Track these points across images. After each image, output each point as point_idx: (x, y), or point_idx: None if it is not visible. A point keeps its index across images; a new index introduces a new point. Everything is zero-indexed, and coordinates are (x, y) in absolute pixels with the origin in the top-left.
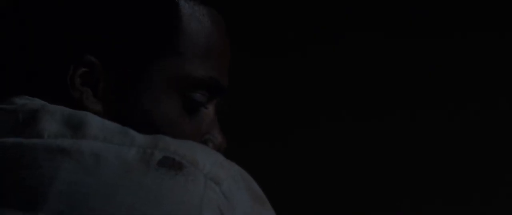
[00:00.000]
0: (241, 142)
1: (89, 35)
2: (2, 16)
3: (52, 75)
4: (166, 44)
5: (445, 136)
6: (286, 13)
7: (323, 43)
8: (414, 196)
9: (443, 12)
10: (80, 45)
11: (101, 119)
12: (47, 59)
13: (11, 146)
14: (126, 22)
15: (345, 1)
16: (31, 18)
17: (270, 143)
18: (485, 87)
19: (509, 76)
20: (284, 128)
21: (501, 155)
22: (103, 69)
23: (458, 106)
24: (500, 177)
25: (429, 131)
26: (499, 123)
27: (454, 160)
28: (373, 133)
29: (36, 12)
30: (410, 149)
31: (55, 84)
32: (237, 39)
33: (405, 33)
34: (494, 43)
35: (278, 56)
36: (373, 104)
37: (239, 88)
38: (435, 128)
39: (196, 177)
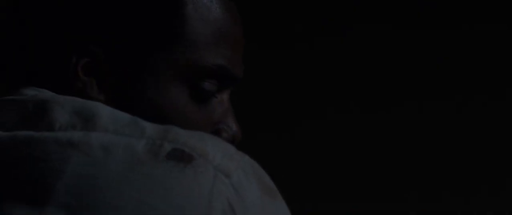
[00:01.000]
0: (248, 134)
1: (91, 24)
2: (5, 8)
3: (55, 65)
4: (171, 31)
5: (453, 127)
6: (294, 5)
7: (331, 35)
8: (422, 188)
9: (451, 3)
10: (83, 35)
11: (112, 109)
12: (50, 50)
13: (22, 140)
14: (129, 10)
15: None
16: (33, 9)
17: (277, 134)
18: (492, 79)
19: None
20: (291, 120)
21: (508, 145)
22: (107, 59)
23: (466, 97)
24: (508, 169)
25: (437, 123)
26: (507, 114)
27: (462, 152)
28: (380, 124)
29: (38, 3)
30: (418, 141)
31: (58, 74)
32: (246, 30)
33: (413, 25)
34: (502, 35)
35: (286, 48)
36: (380, 96)
37: (247, 80)
38: (443, 119)
39: (205, 169)
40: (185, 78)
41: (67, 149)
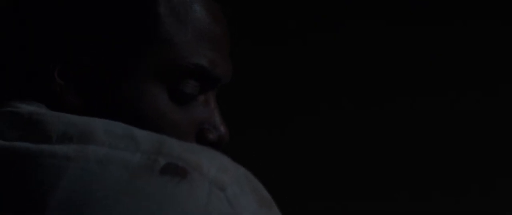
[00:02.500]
0: (239, 130)
1: (67, 29)
2: None
3: (32, 70)
4: (146, 32)
5: (446, 125)
6: (286, 1)
7: (324, 31)
8: (413, 187)
9: (443, 0)
10: (59, 39)
11: (106, 122)
12: (26, 55)
13: (19, 151)
14: (104, 13)
15: None
16: (8, 14)
17: (269, 131)
18: (485, 76)
19: (510, 64)
20: (283, 116)
21: (501, 144)
22: (84, 63)
23: (459, 95)
24: (499, 168)
25: (429, 119)
26: (499, 112)
27: (454, 150)
28: (373, 120)
29: (13, 8)
30: (410, 138)
31: (35, 79)
32: (238, 27)
33: (406, 21)
34: (495, 31)
35: (279, 43)
36: (373, 93)
37: (238, 76)
38: (436, 116)
39: (200, 183)
40: (164, 79)
41: (63, 163)
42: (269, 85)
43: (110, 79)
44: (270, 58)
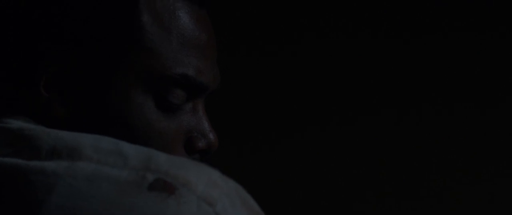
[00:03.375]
0: (224, 145)
1: (51, 39)
2: None
3: (17, 84)
4: (129, 41)
5: (434, 135)
6: (269, 13)
7: (310, 43)
8: (401, 195)
9: (434, 11)
10: (43, 51)
11: (94, 138)
12: (11, 68)
13: (8, 167)
14: (87, 22)
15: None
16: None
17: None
18: (473, 86)
19: (496, 75)
20: (271, 133)
21: (490, 155)
22: (69, 74)
23: (447, 105)
24: (488, 179)
25: (417, 131)
26: (488, 122)
27: (444, 158)
28: (360, 133)
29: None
30: (399, 149)
31: (22, 93)
32: (223, 38)
33: (395, 33)
34: (483, 42)
35: (266, 56)
36: (359, 105)
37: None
38: (424, 127)
39: (188, 199)
40: (150, 88)
41: (52, 179)
42: (255, 99)
43: (96, 90)
44: (255, 71)
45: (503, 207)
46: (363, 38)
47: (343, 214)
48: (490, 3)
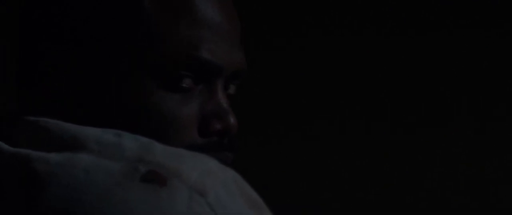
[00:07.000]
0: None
1: (56, 32)
2: None
3: (17, 81)
4: (135, 27)
5: (441, 130)
6: (276, 9)
7: (317, 39)
8: (407, 191)
9: (448, 7)
10: (48, 44)
11: (100, 130)
12: (10, 66)
13: (21, 157)
14: (90, 12)
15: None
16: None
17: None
18: (479, 84)
19: (501, 73)
20: (279, 127)
21: (493, 155)
22: (76, 67)
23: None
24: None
25: (425, 126)
26: (493, 120)
27: (450, 154)
28: (367, 128)
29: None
30: (406, 143)
31: (21, 90)
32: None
33: (400, 30)
34: (488, 40)
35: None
36: (365, 100)
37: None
38: (430, 121)
39: (179, 190)
40: (158, 74)
41: (55, 169)
42: (251, 98)
43: (103, 82)
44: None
45: (503, 207)
46: (369, 35)
47: (349, 209)
48: (495, 0)
